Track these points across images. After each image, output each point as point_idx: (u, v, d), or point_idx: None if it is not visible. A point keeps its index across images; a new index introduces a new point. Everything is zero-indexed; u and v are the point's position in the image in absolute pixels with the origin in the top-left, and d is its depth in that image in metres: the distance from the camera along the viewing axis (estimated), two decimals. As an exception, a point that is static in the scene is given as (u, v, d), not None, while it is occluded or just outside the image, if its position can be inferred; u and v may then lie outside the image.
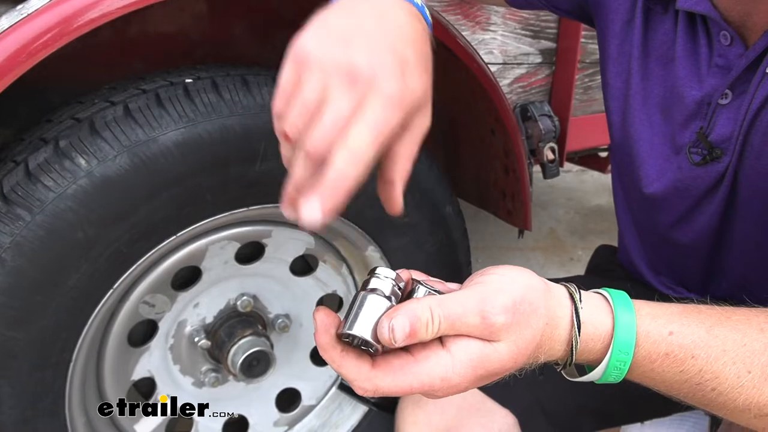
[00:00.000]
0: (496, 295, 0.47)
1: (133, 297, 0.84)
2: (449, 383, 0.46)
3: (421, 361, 0.46)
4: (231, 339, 0.92)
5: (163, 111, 0.72)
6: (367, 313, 0.46)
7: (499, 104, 1.01)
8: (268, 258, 0.95)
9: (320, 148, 0.45)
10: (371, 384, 0.46)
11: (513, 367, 0.49)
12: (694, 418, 1.07)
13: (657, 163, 0.74)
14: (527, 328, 0.48)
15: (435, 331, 0.46)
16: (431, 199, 0.97)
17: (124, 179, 0.70)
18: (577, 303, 0.52)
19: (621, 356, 0.51)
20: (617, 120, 0.78)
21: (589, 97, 1.52)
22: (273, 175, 0.80)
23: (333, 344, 0.47)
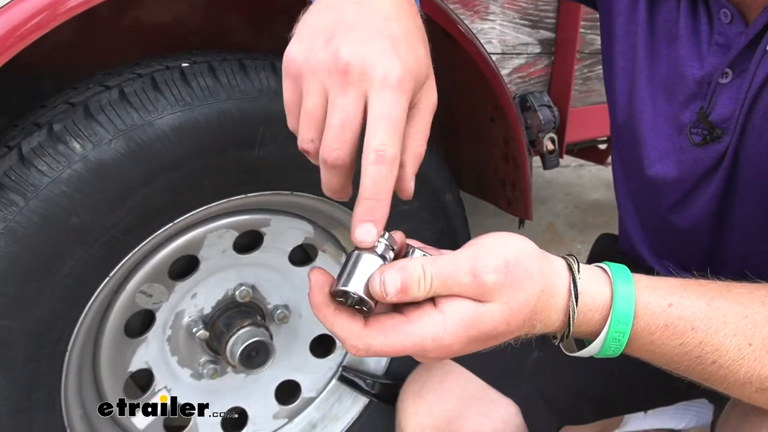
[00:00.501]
0: (488, 254, 0.47)
1: (129, 286, 0.83)
2: (441, 343, 0.46)
3: (413, 321, 0.46)
4: (229, 330, 0.91)
5: (159, 95, 0.71)
6: (360, 271, 0.46)
7: (499, 91, 1.00)
8: (267, 247, 0.93)
9: (335, 154, 0.45)
10: (363, 343, 0.46)
11: (506, 331, 0.48)
12: (697, 407, 1.06)
13: (659, 144, 0.74)
14: (521, 291, 0.47)
15: (427, 289, 0.46)
16: (430, 186, 0.96)
17: (119, 164, 0.69)
18: (575, 273, 0.51)
19: (620, 327, 0.50)
20: (623, 100, 0.78)
21: (588, 88, 1.51)
22: (271, 161, 0.79)
23: (327, 302, 0.47)
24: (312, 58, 0.47)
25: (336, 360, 1.08)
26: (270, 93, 0.76)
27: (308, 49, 0.47)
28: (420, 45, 0.50)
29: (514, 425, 0.90)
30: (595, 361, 0.93)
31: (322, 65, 0.46)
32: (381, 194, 0.45)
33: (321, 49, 0.47)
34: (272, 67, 0.77)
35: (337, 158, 0.45)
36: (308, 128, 0.48)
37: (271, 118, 0.76)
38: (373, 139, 0.44)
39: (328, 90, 0.46)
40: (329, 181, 0.48)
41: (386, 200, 0.45)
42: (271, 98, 0.76)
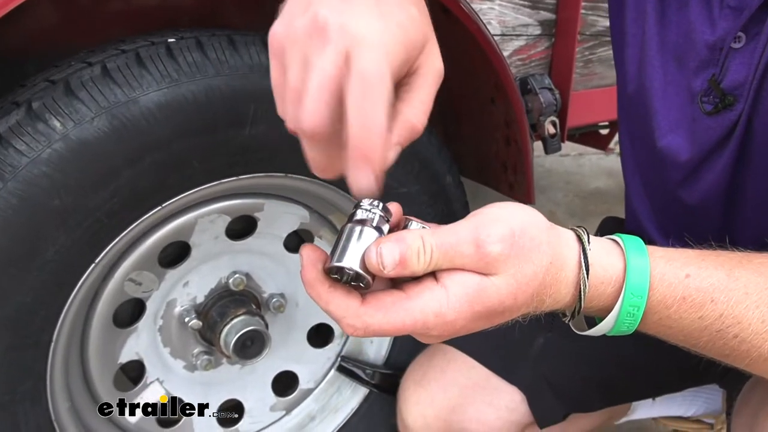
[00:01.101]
0: (492, 223, 0.44)
1: (117, 274, 0.79)
2: (444, 319, 0.43)
3: (414, 297, 0.43)
4: (223, 319, 0.88)
5: (143, 71, 0.68)
6: (355, 245, 0.43)
7: (501, 70, 0.97)
8: (261, 233, 0.90)
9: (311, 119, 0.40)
10: (360, 321, 0.43)
11: (513, 306, 0.45)
12: (706, 393, 1.03)
13: (670, 114, 0.71)
14: (528, 262, 0.44)
15: (427, 261, 0.43)
16: (430, 168, 0.93)
17: (102, 143, 0.65)
18: (585, 244, 0.48)
19: (634, 300, 0.47)
20: (633, 69, 0.75)
21: (589, 71, 1.48)
22: (263, 140, 0.75)
23: (320, 279, 0.43)
24: (291, 27, 0.43)
25: (334, 350, 1.05)
26: (261, 69, 0.73)
27: (288, 20, 0.44)
28: (412, 6, 0.46)
29: (519, 413, 0.87)
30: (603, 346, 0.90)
31: (300, 31, 0.42)
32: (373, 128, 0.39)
33: (299, 15, 0.43)
34: (263, 43, 0.74)
35: (314, 125, 0.40)
36: (293, 104, 0.42)
37: (262, 96, 0.73)
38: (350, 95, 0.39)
39: (308, 56, 0.42)
40: (313, 156, 0.44)
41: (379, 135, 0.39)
42: (262, 74, 0.72)
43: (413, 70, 0.47)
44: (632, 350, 0.89)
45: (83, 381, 0.83)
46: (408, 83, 0.46)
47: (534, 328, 0.91)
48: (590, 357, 0.89)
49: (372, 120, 0.39)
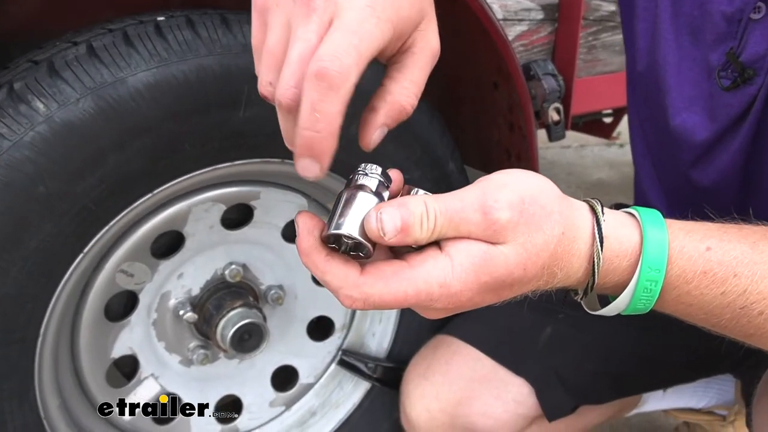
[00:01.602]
0: (500, 189, 0.41)
1: (108, 265, 0.76)
2: (449, 291, 0.40)
3: (417, 266, 0.40)
4: (219, 312, 0.85)
5: (131, 50, 0.64)
6: (354, 211, 0.40)
7: (505, 52, 0.93)
8: (258, 222, 0.87)
9: (290, 93, 0.38)
10: (359, 291, 0.40)
11: (523, 278, 0.42)
12: (718, 384, 1.00)
13: (685, 91, 0.68)
14: (538, 231, 0.41)
15: (430, 228, 0.40)
16: (432, 154, 0.90)
17: (89, 125, 0.62)
18: (599, 215, 0.45)
19: (651, 275, 0.44)
20: (644, 45, 0.71)
21: (593, 57, 1.44)
22: (259, 123, 0.72)
23: (317, 247, 0.40)
24: None
25: (335, 343, 1.02)
26: (255, 48, 0.69)
27: None
28: None
29: (527, 406, 0.85)
30: (612, 336, 0.87)
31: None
32: (320, 123, 0.37)
33: None
34: (257, 21, 0.71)
35: (292, 99, 0.38)
36: (268, 68, 0.41)
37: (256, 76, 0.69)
38: (320, 49, 0.37)
39: (292, 22, 0.40)
40: (285, 127, 0.41)
41: (327, 132, 0.38)
42: (256, 54, 0.69)
43: (406, 48, 0.44)
44: (642, 340, 0.87)
45: (74, 377, 0.80)
46: (399, 61, 0.44)
47: (541, 318, 0.88)
48: (599, 347, 0.87)
49: (323, 110, 0.37)
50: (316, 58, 0.37)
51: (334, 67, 0.36)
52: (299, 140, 0.38)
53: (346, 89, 0.37)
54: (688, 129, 0.68)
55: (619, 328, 0.86)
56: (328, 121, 0.37)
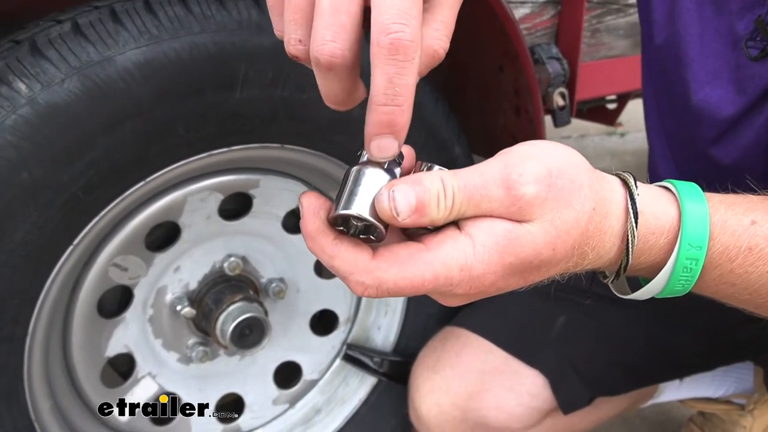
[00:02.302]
0: (525, 161, 0.37)
1: (100, 258, 0.73)
2: (470, 274, 0.36)
3: (434, 247, 0.36)
4: (219, 306, 0.82)
5: (119, 27, 0.60)
6: (364, 189, 0.36)
7: (512, 33, 0.90)
8: (257, 212, 0.83)
9: (329, 48, 0.34)
10: (372, 277, 0.36)
11: (551, 259, 0.38)
12: (736, 372, 0.97)
13: (708, 63, 0.64)
14: (567, 207, 0.37)
15: (448, 207, 0.36)
16: (438, 138, 0.86)
17: (75, 107, 0.58)
18: (633, 188, 0.41)
19: (691, 253, 0.40)
20: (661, 16, 0.68)
21: (597, 41, 1.41)
22: (257, 105, 0.68)
23: (323, 230, 0.36)
24: None
25: (339, 338, 0.98)
26: (251, 26, 0.65)
27: None
28: None
29: (542, 399, 0.81)
30: (629, 324, 0.84)
31: None
32: (401, 94, 0.34)
33: None
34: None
35: (332, 54, 0.34)
36: (295, 24, 0.37)
37: (254, 54, 0.65)
38: (382, 15, 0.33)
39: None
40: (328, 87, 0.37)
41: (408, 101, 0.35)
42: (252, 31, 0.65)
43: None
44: (659, 327, 0.83)
45: (66, 377, 0.76)
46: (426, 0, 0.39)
47: (554, 307, 0.84)
48: (615, 336, 0.83)
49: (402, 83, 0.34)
50: (381, 26, 0.33)
51: (406, 36, 0.33)
52: (377, 118, 0.35)
53: (418, 56, 0.34)
54: (712, 104, 0.64)
55: (635, 315, 0.83)
56: (407, 94, 0.34)
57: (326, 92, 0.38)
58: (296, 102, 0.70)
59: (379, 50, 0.33)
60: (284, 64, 0.67)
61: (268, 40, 0.65)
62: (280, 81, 0.68)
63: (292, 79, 0.68)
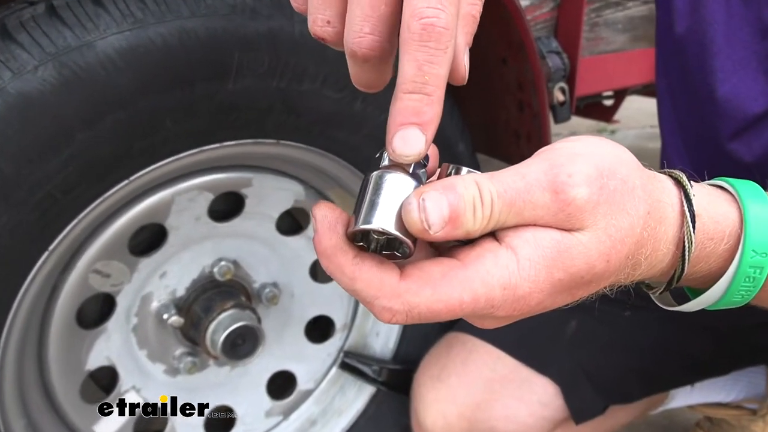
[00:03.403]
0: (572, 160, 0.32)
1: (80, 264, 0.67)
2: (515, 293, 0.31)
3: (471, 264, 0.31)
4: (209, 314, 0.77)
5: (100, 9, 0.55)
6: (387, 199, 0.31)
7: (518, 21, 0.85)
8: (250, 213, 0.78)
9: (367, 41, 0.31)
10: (401, 302, 0.31)
11: (604, 273, 0.33)
12: (748, 376, 0.94)
13: (735, 53, 0.60)
14: (621, 212, 0.33)
15: (486, 217, 0.31)
16: (441, 134, 0.81)
17: (50, 98, 0.53)
18: (687, 188, 0.36)
19: (756, 260, 0.36)
20: (683, 5, 0.64)
21: (595, 35, 1.38)
22: (251, 97, 0.63)
23: (343, 247, 0.31)
24: None
25: (336, 345, 0.93)
26: (246, 10, 0.60)
27: None
28: None
29: (553, 408, 0.77)
30: (643, 329, 0.80)
31: None
32: (431, 83, 0.30)
33: None
34: (246, -21, 0.61)
35: (371, 47, 0.31)
36: (324, 4, 0.32)
37: (248, 42, 0.60)
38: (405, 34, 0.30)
39: None
40: (360, 75, 0.33)
41: (438, 92, 0.30)
42: (247, 16, 0.60)
43: None
44: (674, 332, 0.80)
45: (43, 394, 0.71)
46: None
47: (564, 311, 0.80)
48: (630, 341, 0.79)
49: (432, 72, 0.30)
50: (414, 10, 0.30)
51: (441, 23, 0.30)
52: (402, 105, 0.30)
53: (452, 45, 0.31)
54: (739, 96, 0.61)
55: (648, 319, 0.79)
56: (438, 84, 0.30)
57: (357, 79, 0.34)
58: (294, 94, 0.65)
59: (410, 35, 0.30)
60: (281, 52, 0.62)
61: (264, 26, 0.60)
62: (276, 71, 0.63)
63: (290, 69, 0.63)
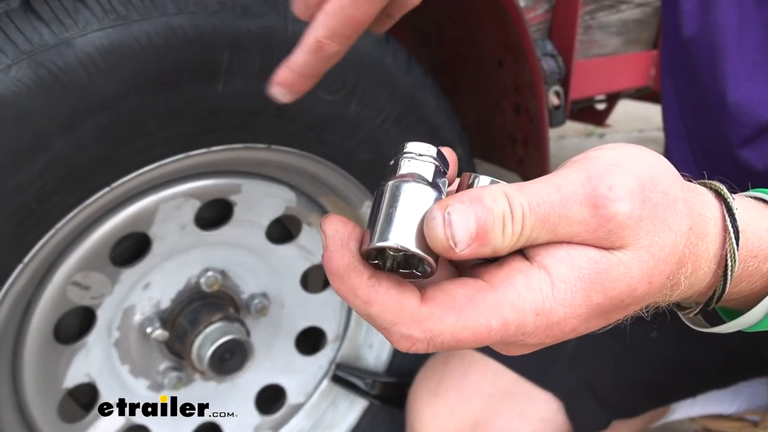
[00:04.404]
0: (611, 171, 0.29)
1: (57, 276, 0.63)
2: (548, 319, 0.28)
3: (500, 286, 0.28)
4: (195, 327, 0.73)
5: (79, 4, 0.51)
6: (406, 212, 0.27)
7: (517, 21, 0.83)
8: (238, 221, 0.75)
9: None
10: (422, 329, 0.27)
11: (645, 294, 0.30)
12: (750, 387, 0.92)
13: (748, 57, 0.58)
14: (664, 228, 0.29)
15: (517, 233, 0.27)
16: (439, 138, 0.78)
17: (25, 100, 0.49)
18: (729, 201, 0.33)
19: None
20: (691, 7, 0.62)
21: (589, 38, 1.36)
22: (241, 100, 0.60)
23: (357, 267, 0.27)
24: None
25: (327, 357, 0.90)
26: (236, 7, 0.57)
27: None
28: None
29: (556, 424, 0.75)
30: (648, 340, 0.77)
31: None
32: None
33: None
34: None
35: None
36: None
37: (239, 41, 0.57)
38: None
39: None
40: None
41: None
42: (237, 13, 0.56)
43: None
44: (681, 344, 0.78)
45: (17, 413, 0.66)
46: None
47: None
48: (634, 353, 0.77)
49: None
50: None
51: None
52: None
53: None
54: (752, 101, 0.59)
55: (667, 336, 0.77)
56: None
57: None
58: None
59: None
60: (274, 53, 0.58)
61: (255, 24, 0.57)
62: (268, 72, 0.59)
63: (283, 70, 0.59)
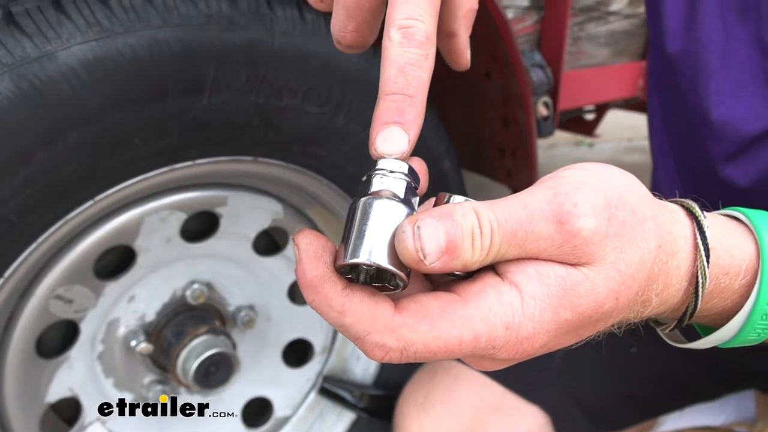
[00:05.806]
0: (578, 189, 0.29)
1: (40, 290, 0.62)
2: (518, 334, 0.29)
3: (472, 300, 0.29)
4: (180, 340, 0.73)
5: (62, 16, 0.50)
6: (378, 227, 0.28)
7: (505, 34, 0.83)
8: (225, 233, 0.74)
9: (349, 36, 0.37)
10: (395, 337, 0.28)
11: (613, 311, 0.31)
12: (737, 399, 0.92)
13: (731, 75, 0.58)
14: (632, 245, 0.30)
15: (485, 248, 0.28)
16: (427, 150, 0.78)
17: (6, 113, 0.48)
18: (701, 219, 0.34)
19: None
20: (676, 24, 0.62)
21: (578, 49, 1.37)
22: (227, 113, 0.59)
23: (330, 278, 0.28)
24: None
25: (314, 369, 0.89)
26: (222, 20, 0.56)
27: None
28: None
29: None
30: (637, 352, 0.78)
31: None
32: (413, 85, 0.31)
33: None
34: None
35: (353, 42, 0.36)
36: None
37: (224, 54, 0.56)
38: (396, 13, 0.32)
39: None
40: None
41: (420, 96, 0.31)
42: (223, 26, 0.56)
43: None
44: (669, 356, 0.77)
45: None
46: None
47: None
48: (623, 366, 0.77)
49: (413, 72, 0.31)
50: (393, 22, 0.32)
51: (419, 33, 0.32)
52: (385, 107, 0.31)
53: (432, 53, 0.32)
54: (736, 118, 0.59)
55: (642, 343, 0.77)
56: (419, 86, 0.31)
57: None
58: (273, 109, 0.61)
59: (390, 43, 0.31)
60: (260, 66, 0.58)
61: (241, 37, 0.57)
62: (254, 85, 0.59)
63: (269, 83, 0.59)
